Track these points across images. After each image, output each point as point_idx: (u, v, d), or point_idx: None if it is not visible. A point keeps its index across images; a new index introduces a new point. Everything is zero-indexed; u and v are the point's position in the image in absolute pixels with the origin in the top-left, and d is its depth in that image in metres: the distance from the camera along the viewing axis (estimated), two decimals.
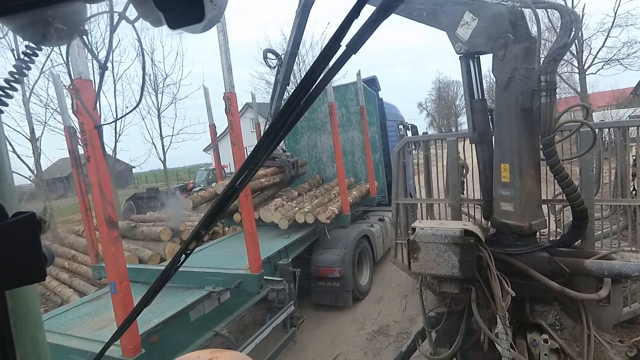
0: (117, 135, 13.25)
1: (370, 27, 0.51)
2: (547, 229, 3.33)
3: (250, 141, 7.46)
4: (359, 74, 6.51)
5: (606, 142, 3.66)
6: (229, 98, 3.38)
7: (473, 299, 3.01)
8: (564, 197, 2.91)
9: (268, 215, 5.20)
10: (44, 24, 0.68)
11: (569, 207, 2.89)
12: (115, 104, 12.99)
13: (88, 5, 0.72)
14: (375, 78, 7.88)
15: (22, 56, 0.73)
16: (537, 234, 3.11)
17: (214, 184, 16.43)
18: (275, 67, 6.01)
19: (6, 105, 0.71)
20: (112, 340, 0.99)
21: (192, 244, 0.70)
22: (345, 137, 7.17)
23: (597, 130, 2.83)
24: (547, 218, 3.14)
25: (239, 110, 3.68)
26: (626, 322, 3.24)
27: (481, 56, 3.14)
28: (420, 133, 8.94)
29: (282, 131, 0.58)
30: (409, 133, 8.77)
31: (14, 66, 0.73)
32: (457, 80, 52.59)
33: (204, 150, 29.99)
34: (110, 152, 13.31)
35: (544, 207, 3.18)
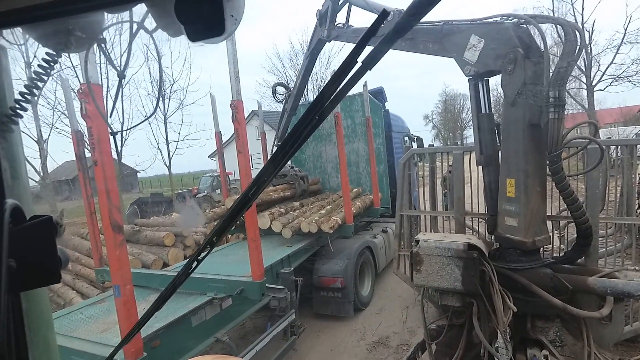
0: (123, 140, 13.42)
1: (386, 44, 0.53)
2: (551, 245, 3.32)
3: (255, 149, 7.56)
4: (365, 85, 6.59)
5: (613, 160, 3.67)
6: (236, 106, 3.43)
7: (474, 313, 3.00)
8: (569, 214, 2.91)
9: (264, 222, 5.21)
10: (65, 32, 0.71)
11: (574, 223, 2.89)
12: (122, 108, 13.21)
13: (107, 14, 0.75)
14: (382, 89, 7.96)
15: (42, 63, 0.77)
16: (541, 250, 3.11)
17: (217, 191, 16.56)
18: (283, 100, 6.39)
19: (26, 110, 0.75)
20: (122, 343, 1.01)
21: (204, 251, 0.73)
22: (350, 147, 7.21)
23: (604, 147, 2.84)
24: (551, 234, 3.14)
25: (245, 117, 3.75)
26: (627, 341, 3.20)
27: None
28: (425, 145, 8.97)
29: (297, 144, 0.61)
30: (415, 145, 8.81)
31: (34, 72, 0.77)
32: (463, 94, 52.74)
33: (209, 157, 30.21)
34: (115, 156, 13.46)
35: (548, 222, 3.18)
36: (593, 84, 21.12)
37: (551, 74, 2.58)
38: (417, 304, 5.02)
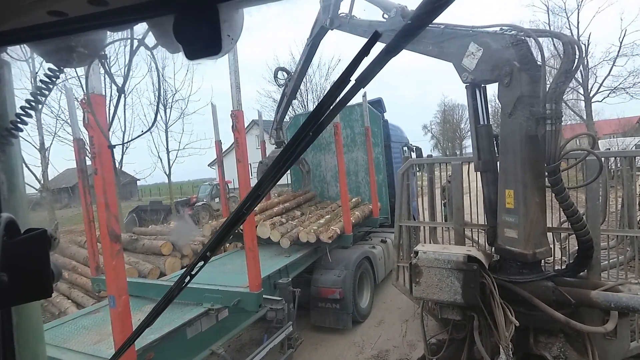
0: (124, 148, 13.43)
1: (378, 64, 0.54)
2: (552, 257, 3.28)
3: (255, 157, 7.55)
4: (364, 96, 6.62)
5: (612, 171, 3.66)
6: (237, 116, 3.45)
7: (475, 327, 2.94)
8: (569, 225, 2.88)
9: (264, 231, 5.17)
10: (68, 49, 0.73)
11: (575, 235, 2.86)
12: (125, 117, 13.25)
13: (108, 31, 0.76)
14: (380, 100, 8.00)
15: (44, 78, 0.78)
16: (542, 262, 3.07)
17: (216, 199, 16.51)
18: (283, 85, 6.38)
19: (26, 124, 0.75)
20: (115, 357, 0.98)
21: (198, 265, 0.72)
22: (350, 157, 7.21)
23: (603, 159, 2.83)
24: (552, 246, 3.10)
25: (245, 126, 3.76)
26: (633, 357, 3.12)
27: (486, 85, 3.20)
28: (424, 155, 8.97)
29: (291, 160, 0.61)
30: (414, 155, 8.81)
31: (36, 87, 0.78)
32: (462, 104, 53.11)
33: (208, 165, 30.23)
34: (116, 165, 13.46)
35: (549, 235, 3.14)
36: (591, 95, 21.33)
37: (548, 87, 2.60)
38: (417, 317, 4.94)
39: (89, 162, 4.17)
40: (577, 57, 2.54)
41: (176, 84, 14.77)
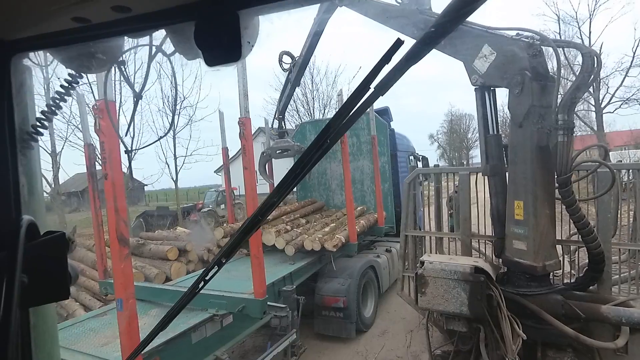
0: (133, 154, 13.59)
1: (398, 71, 0.54)
2: (562, 270, 3.23)
3: (276, 163, 7.54)
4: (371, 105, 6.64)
5: (624, 183, 3.60)
6: (244, 123, 3.49)
7: (482, 339, 2.90)
8: (579, 238, 2.84)
9: (269, 239, 5.17)
10: (87, 55, 0.74)
11: (585, 248, 2.81)
12: (134, 122, 13.43)
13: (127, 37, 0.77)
14: (387, 109, 8.03)
15: (64, 83, 0.79)
16: (551, 275, 3.02)
17: (222, 206, 16.57)
18: (288, 70, 6.22)
19: (46, 128, 0.77)
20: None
21: (212, 271, 0.72)
22: (355, 165, 7.22)
23: (615, 171, 2.79)
24: (561, 259, 3.06)
25: (252, 133, 3.82)
26: None
27: (496, 89, 3.14)
28: (431, 165, 8.94)
29: (308, 166, 0.61)
30: (420, 164, 8.78)
31: (56, 92, 0.80)
32: (469, 113, 52.88)
33: (214, 172, 30.44)
34: (125, 170, 13.64)
35: (558, 247, 3.10)
36: (602, 105, 21.06)
37: (560, 97, 2.58)
38: (422, 328, 4.86)
39: (98, 167, 4.26)
40: (595, 69, 2.51)
41: (184, 91, 14.96)
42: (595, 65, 2.51)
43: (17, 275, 0.57)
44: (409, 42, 0.54)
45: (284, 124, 6.68)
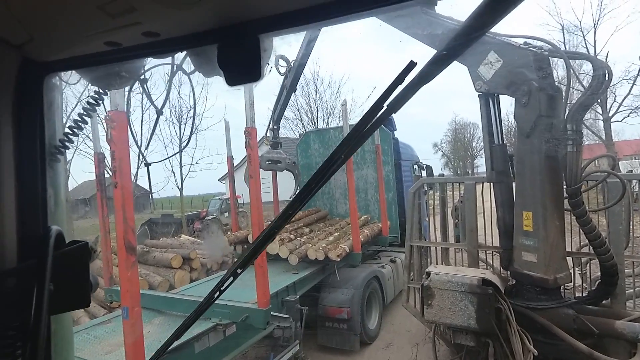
0: (140, 163, 13.74)
1: (410, 91, 0.57)
2: (573, 282, 3.15)
3: (265, 173, 7.58)
4: None
5: (636, 194, 3.53)
6: (250, 133, 3.51)
7: (491, 355, 2.82)
8: (590, 250, 2.77)
9: (272, 247, 5.13)
10: (113, 74, 0.78)
11: (596, 260, 2.74)
12: (141, 132, 13.63)
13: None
14: (391, 118, 8.03)
15: (91, 100, 0.84)
16: (562, 288, 2.94)
17: (226, 214, 16.57)
18: (284, 74, 6.07)
19: (73, 142, 0.81)
20: None
21: (228, 281, 0.75)
22: (359, 174, 7.19)
23: (625, 181, 2.74)
24: (571, 271, 2.98)
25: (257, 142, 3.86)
26: None
27: (501, 96, 3.10)
28: (435, 174, 8.88)
29: (323, 180, 0.63)
30: (424, 173, 8.73)
31: (83, 108, 0.84)
32: (473, 122, 52.82)
33: (219, 180, 30.55)
34: (151, 182, 13.85)
35: (569, 259, 3.02)
36: (610, 115, 20.90)
37: (569, 107, 2.55)
38: (428, 341, 4.76)
39: (107, 176, 4.29)
40: (606, 82, 2.48)
41: (191, 101, 15.21)
42: (607, 79, 2.48)
43: (46, 283, 0.60)
44: (420, 64, 0.57)
45: (279, 135, 6.55)
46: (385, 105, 0.58)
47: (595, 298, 2.86)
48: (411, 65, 0.56)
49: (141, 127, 13.76)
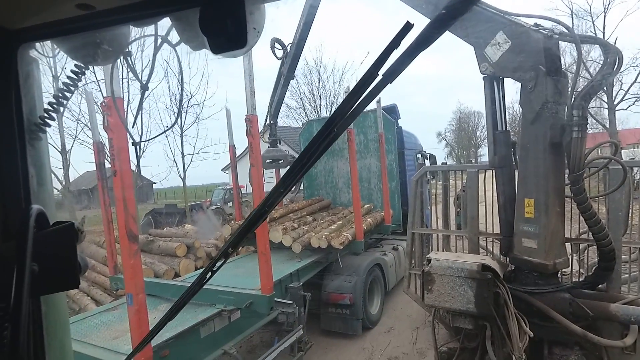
0: (141, 152, 13.78)
1: (407, 57, 0.51)
2: (570, 268, 3.21)
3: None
4: (378, 102, 6.63)
5: (637, 182, 3.54)
6: (251, 120, 3.50)
7: (488, 337, 2.90)
8: (589, 236, 2.82)
9: (276, 236, 5.21)
10: (93, 45, 0.75)
11: (594, 247, 2.79)
12: (142, 120, 13.63)
13: (132, 28, 0.78)
14: (395, 106, 7.99)
15: (70, 74, 0.80)
16: (559, 273, 3.00)
17: (229, 204, 16.69)
18: (281, 59, 5.82)
19: (54, 119, 0.78)
20: (136, 351, 1.02)
21: (219, 262, 0.72)
22: (362, 163, 7.21)
23: (627, 168, 2.74)
24: (569, 257, 3.03)
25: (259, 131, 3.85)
26: None
27: (505, 82, 3.01)
28: (438, 163, 8.89)
29: (315, 156, 0.60)
30: (427, 162, 8.74)
31: (62, 83, 0.81)
32: (478, 111, 52.26)
33: (222, 170, 30.64)
34: (133, 168, 13.83)
35: (567, 245, 3.08)
36: (615, 103, 20.63)
37: (575, 93, 2.53)
38: (428, 325, 4.87)
39: (107, 165, 4.33)
40: (617, 67, 2.44)
41: (191, 89, 15.08)
42: (617, 64, 2.44)
43: (27, 263, 0.57)
44: (418, 26, 0.51)
45: (277, 131, 6.38)
46: (379, 73, 0.52)
47: (592, 282, 2.92)
48: (407, 27, 0.50)
49: (140, 106, 13.73)
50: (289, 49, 5.73)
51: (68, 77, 0.80)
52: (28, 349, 0.64)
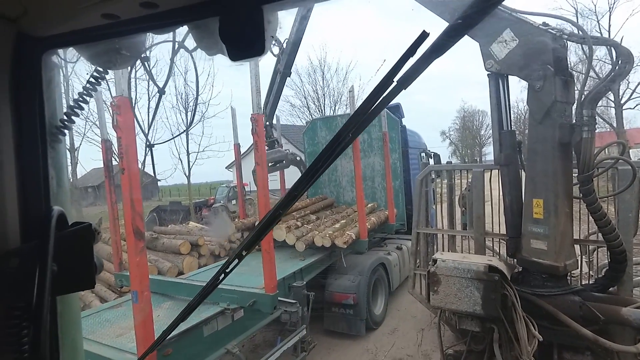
0: (148, 150, 13.82)
1: (422, 64, 0.53)
2: (579, 270, 3.14)
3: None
4: None
5: None
6: (256, 119, 3.49)
7: (495, 340, 2.85)
8: (598, 238, 2.75)
9: (279, 234, 5.19)
10: (113, 51, 0.76)
11: (603, 248, 2.73)
12: (149, 120, 13.71)
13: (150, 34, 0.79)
14: (399, 105, 7.93)
15: (91, 79, 0.82)
16: (568, 275, 2.94)
17: (233, 202, 16.73)
18: (277, 55, 5.73)
19: (74, 122, 0.79)
20: (149, 351, 1.01)
21: (233, 263, 0.73)
22: (366, 162, 7.16)
23: (637, 167, 2.69)
24: (578, 259, 2.97)
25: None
26: None
27: (510, 82, 2.99)
28: (443, 162, 8.82)
29: (330, 160, 0.60)
30: (432, 161, 8.67)
31: (83, 88, 0.81)
32: (482, 110, 51.97)
33: (226, 168, 30.71)
34: (143, 164, 13.94)
35: (576, 247, 3.01)
36: (622, 101, 20.41)
37: (584, 94, 2.49)
38: (433, 327, 4.82)
39: (114, 163, 4.34)
40: (627, 68, 2.41)
41: (194, 83, 15.13)
42: (628, 65, 2.40)
43: (49, 263, 0.59)
44: (433, 35, 0.53)
45: (274, 132, 6.27)
46: (395, 80, 0.55)
47: (603, 285, 2.86)
48: (423, 35, 0.53)
49: (148, 113, 13.82)
50: (284, 46, 5.66)
51: (88, 81, 0.82)
52: (44, 349, 0.65)
